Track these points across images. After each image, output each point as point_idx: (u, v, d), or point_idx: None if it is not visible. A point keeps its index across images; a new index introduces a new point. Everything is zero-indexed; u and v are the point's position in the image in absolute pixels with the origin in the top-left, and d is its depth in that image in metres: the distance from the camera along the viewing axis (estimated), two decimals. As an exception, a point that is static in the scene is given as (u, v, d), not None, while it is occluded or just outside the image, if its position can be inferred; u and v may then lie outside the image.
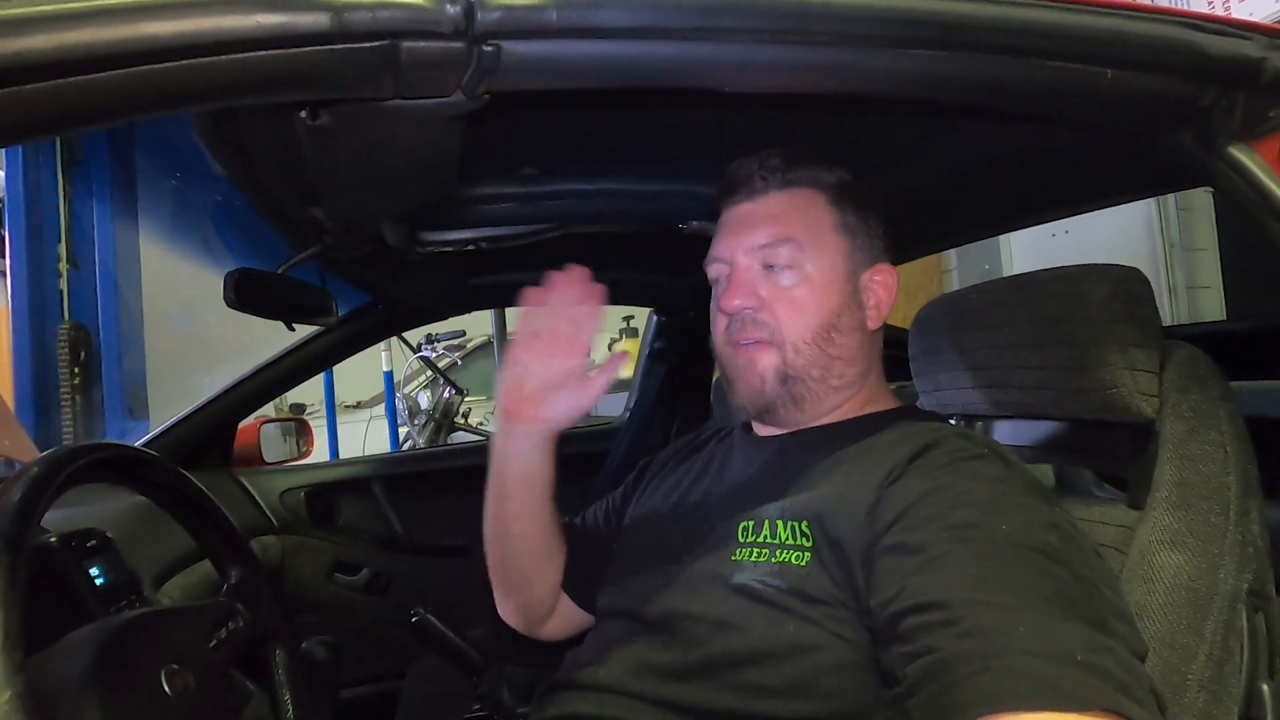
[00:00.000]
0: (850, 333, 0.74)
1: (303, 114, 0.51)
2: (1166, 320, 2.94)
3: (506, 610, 0.90)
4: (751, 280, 0.74)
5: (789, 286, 0.73)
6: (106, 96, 0.38)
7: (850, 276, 0.75)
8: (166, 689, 0.55)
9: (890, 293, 0.77)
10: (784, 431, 0.77)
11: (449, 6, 0.42)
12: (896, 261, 0.80)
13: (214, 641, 0.67)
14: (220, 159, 0.69)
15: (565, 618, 0.90)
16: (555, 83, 0.48)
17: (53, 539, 0.78)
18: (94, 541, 0.83)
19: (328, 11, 0.39)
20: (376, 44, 0.41)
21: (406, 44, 0.42)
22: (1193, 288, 3.12)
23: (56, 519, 0.86)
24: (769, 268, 0.74)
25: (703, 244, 1.17)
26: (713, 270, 0.79)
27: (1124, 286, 0.66)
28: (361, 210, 0.82)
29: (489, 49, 0.44)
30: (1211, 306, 3.11)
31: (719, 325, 0.77)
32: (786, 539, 0.65)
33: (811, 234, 0.74)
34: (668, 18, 0.45)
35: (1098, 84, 0.53)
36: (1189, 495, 0.61)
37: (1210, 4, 2.22)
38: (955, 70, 0.51)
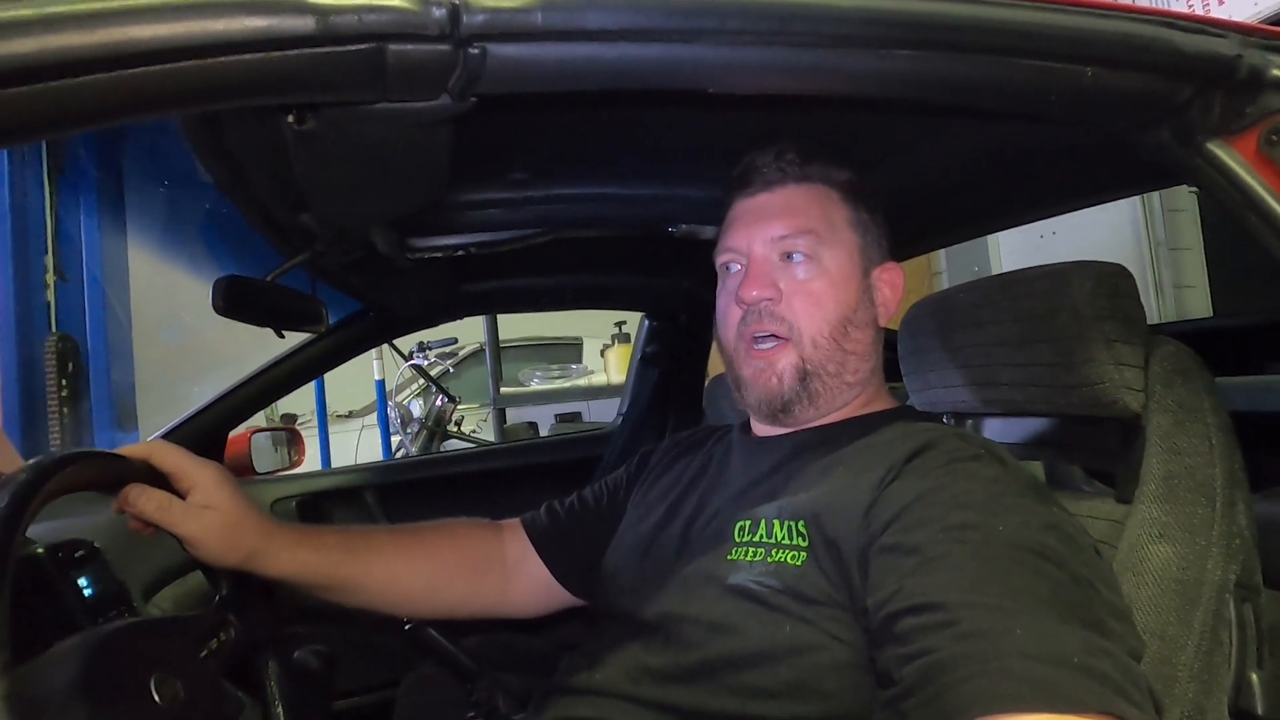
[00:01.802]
0: (864, 328, 0.75)
1: (290, 118, 0.51)
2: (1153, 318, 2.97)
3: None
4: (770, 271, 0.73)
5: (806, 280, 0.73)
6: (94, 100, 0.38)
7: (864, 272, 0.76)
8: (156, 697, 0.55)
9: (897, 291, 0.78)
10: (783, 432, 0.77)
11: (434, 9, 0.42)
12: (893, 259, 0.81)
13: (205, 651, 0.67)
14: (208, 165, 0.69)
15: (536, 599, 0.90)
16: (541, 85, 0.48)
17: (39, 550, 0.77)
18: (82, 552, 0.82)
19: (314, 15, 0.40)
20: (363, 47, 0.42)
21: (393, 47, 0.42)
22: (1179, 287, 3.15)
23: (43, 530, 0.85)
24: (787, 260, 0.73)
25: (694, 247, 1.18)
26: (724, 259, 0.78)
27: (1108, 282, 0.67)
28: (350, 215, 0.82)
29: (475, 51, 0.44)
30: (1198, 305, 3.14)
31: (731, 317, 0.76)
32: (783, 538, 0.65)
33: (829, 228, 0.74)
34: (651, 19, 0.45)
35: (1078, 82, 0.54)
36: (1176, 488, 0.62)
37: (1190, 4, 2.25)
38: (937, 70, 0.52)
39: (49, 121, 0.39)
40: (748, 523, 0.68)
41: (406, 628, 1.09)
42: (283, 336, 1.14)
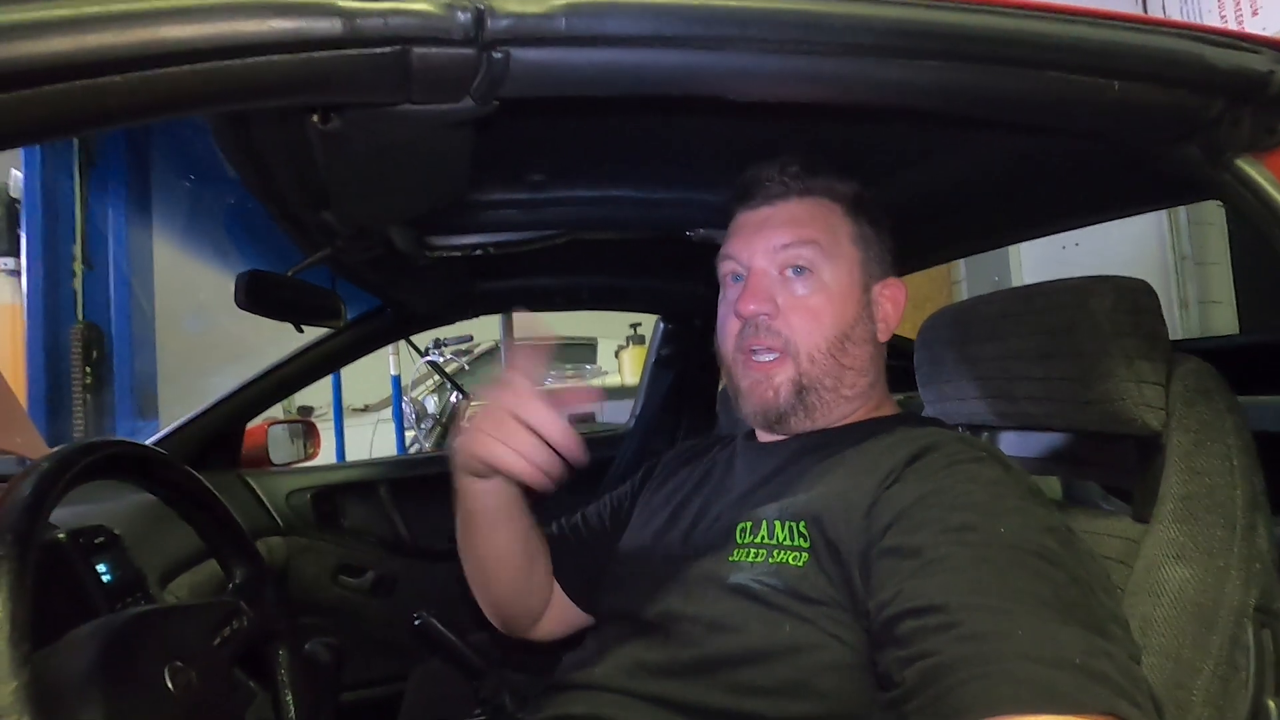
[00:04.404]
0: (862, 344, 0.75)
1: (314, 118, 0.52)
2: (1178, 334, 2.92)
3: (493, 620, 0.90)
4: (769, 285, 0.73)
5: (805, 295, 0.73)
6: (125, 98, 0.38)
7: (864, 288, 0.75)
8: (170, 685, 0.56)
9: (898, 307, 0.78)
10: (786, 437, 0.77)
11: (459, 14, 0.42)
12: (903, 272, 0.81)
13: (218, 639, 0.68)
14: (234, 163, 0.70)
15: (557, 619, 0.90)
16: (563, 90, 0.49)
17: (61, 535, 0.79)
18: (102, 538, 0.84)
19: (340, 17, 0.40)
20: (388, 49, 0.42)
21: (418, 50, 0.43)
22: (1204, 302, 3.10)
23: (65, 516, 0.87)
24: (786, 274, 0.74)
25: (710, 251, 1.18)
26: (725, 268, 0.78)
27: (1129, 298, 0.66)
28: (372, 214, 0.83)
29: (498, 56, 0.44)
30: (1224, 321, 3.08)
31: (730, 328, 0.77)
32: (784, 539, 0.65)
33: (830, 242, 0.74)
34: (673, 27, 0.45)
35: (1105, 95, 0.53)
36: (1194, 508, 0.61)
37: (1223, 18, 2.21)
38: (962, 81, 0.52)
39: (83, 118, 0.39)
40: (749, 524, 0.69)
41: (415, 623, 1.09)
42: (302, 331, 1.15)
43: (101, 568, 0.81)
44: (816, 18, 0.47)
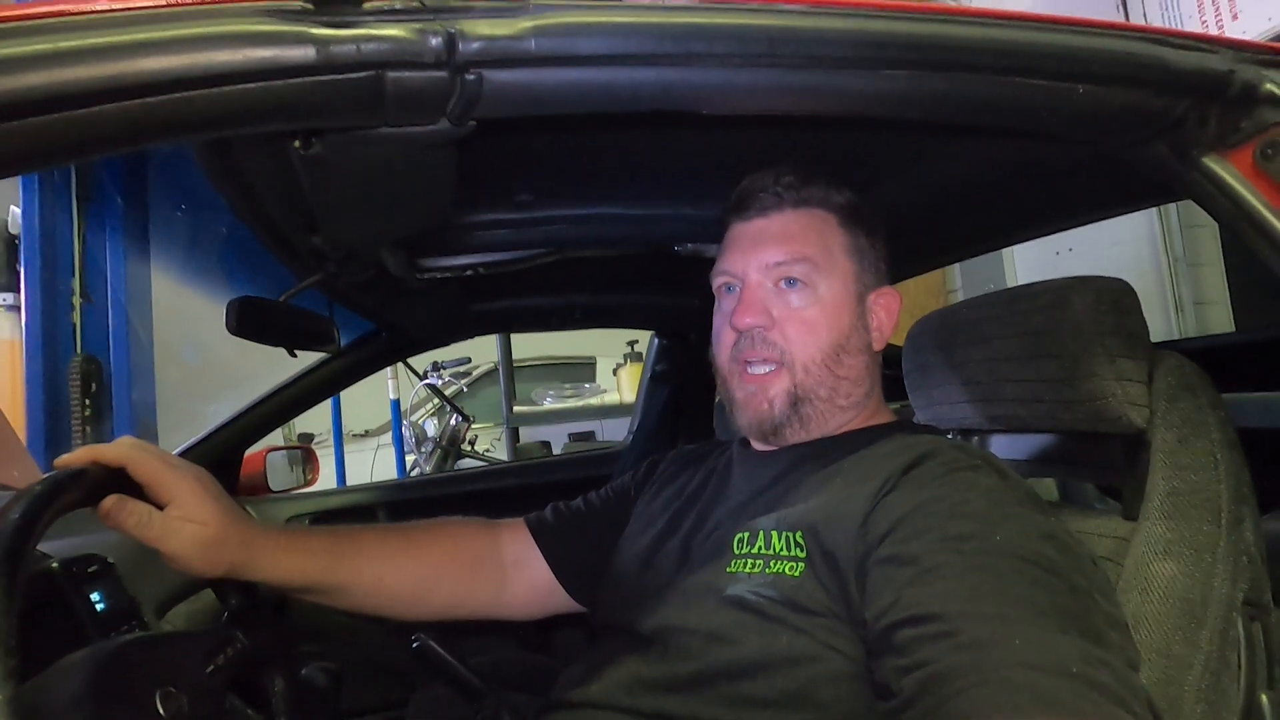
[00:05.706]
0: (857, 354, 0.75)
1: (296, 143, 0.53)
2: (1174, 335, 2.92)
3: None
4: (763, 298, 0.74)
5: (800, 307, 0.74)
6: (105, 128, 0.39)
7: (858, 299, 0.76)
8: (161, 710, 0.55)
9: (892, 315, 0.78)
10: (781, 446, 0.78)
11: (431, 38, 0.43)
12: (891, 281, 0.81)
13: (212, 667, 0.67)
14: (222, 190, 0.72)
15: (530, 595, 0.88)
16: (537, 109, 0.50)
17: (54, 564, 0.79)
18: (95, 567, 0.84)
19: (314, 45, 0.41)
20: (362, 75, 0.43)
21: (391, 74, 0.44)
22: (1200, 304, 3.10)
23: (59, 545, 0.87)
24: (781, 287, 0.74)
25: (701, 265, 1.19)
26: (720, 281, 0.79)
27: (1109, 298, 0.67)
28: (359, 236, 0.84)
29: (471, 78, 0.46)
30: (1220, 321, 3.09)
31: (725, 340, 0.77)
32: (781, 550, 0.65)
33: (825, 255, 0.75)
34: (641, 44, 0.46)
35: (1071, 99, 0.54)
36: (1181, 504, 0.61)
37: (1204, 23, 2.24)
38: (928, 89, 0.53)
39: (66, 149, 0.40)
40: (746, 535, 0.69)
41: (414, 646, 1.09)
42: (295, 355, 1.16)
43: (95, 597, 0.81)
44: (782, 32, 0.49)
